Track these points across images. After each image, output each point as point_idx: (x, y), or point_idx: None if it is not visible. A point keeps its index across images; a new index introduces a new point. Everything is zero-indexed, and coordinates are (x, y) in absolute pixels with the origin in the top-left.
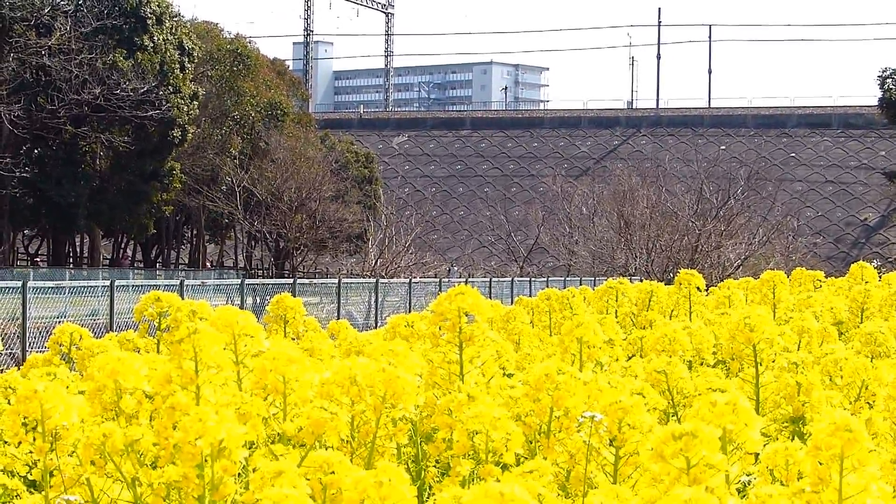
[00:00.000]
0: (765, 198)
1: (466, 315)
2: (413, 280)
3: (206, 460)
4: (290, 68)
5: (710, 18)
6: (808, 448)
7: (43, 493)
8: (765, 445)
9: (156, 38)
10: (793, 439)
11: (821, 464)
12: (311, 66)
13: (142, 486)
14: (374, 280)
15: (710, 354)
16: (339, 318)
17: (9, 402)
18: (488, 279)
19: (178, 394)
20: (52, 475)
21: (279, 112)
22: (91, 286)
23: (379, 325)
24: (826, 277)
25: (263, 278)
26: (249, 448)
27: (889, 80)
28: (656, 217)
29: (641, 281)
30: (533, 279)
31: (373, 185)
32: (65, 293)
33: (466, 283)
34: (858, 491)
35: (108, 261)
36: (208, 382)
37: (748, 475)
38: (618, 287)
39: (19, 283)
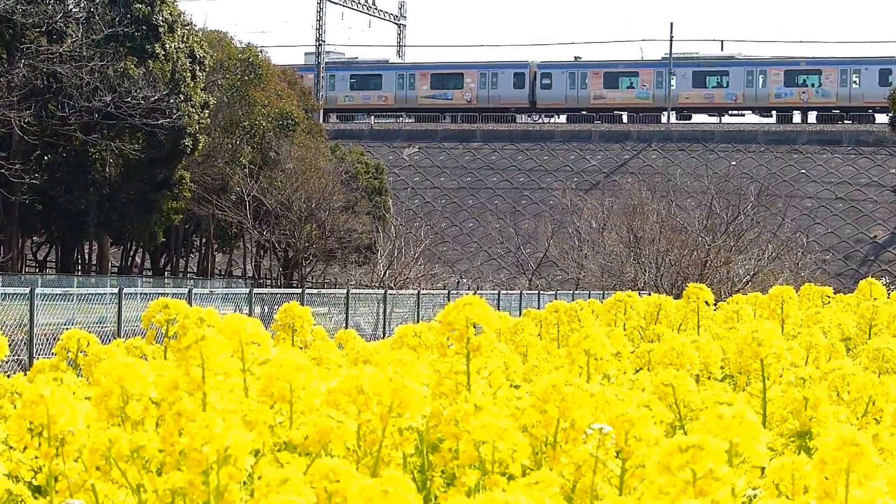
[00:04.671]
0: (775, 214)
1: (474, 326)
2: (421, 291)
3: (211, 467)
4: (302, 78)
5: (721, 34)
6: (814, 462)
7: (48, 498)
8: (771, 459)
9: (167, 46)
10: (799, 453)
11: (827, 478)
12: (322, 77)
13: (147, 493)
14: (383, 291)
15: (717, 368)
16: (347, 329)
17: (15, 407)
18: (497, 292)
19: (184, 400)
20: (57, 480)
21: (290, 122)
22: (99, 293)
23: (387, 336)
24: (835, 294)
25: (272, 288)
26: (255, 455)
27: None
28: (666, 232)
29: (650, 295)
30: (541, 292)
31: (382, 196)
32: (73, 300)
33: (475, 294)
34: None
35: (116, 268)
36: (215, 389)
37: (754, 489)
38: (626, 300)
39: (27, 290)
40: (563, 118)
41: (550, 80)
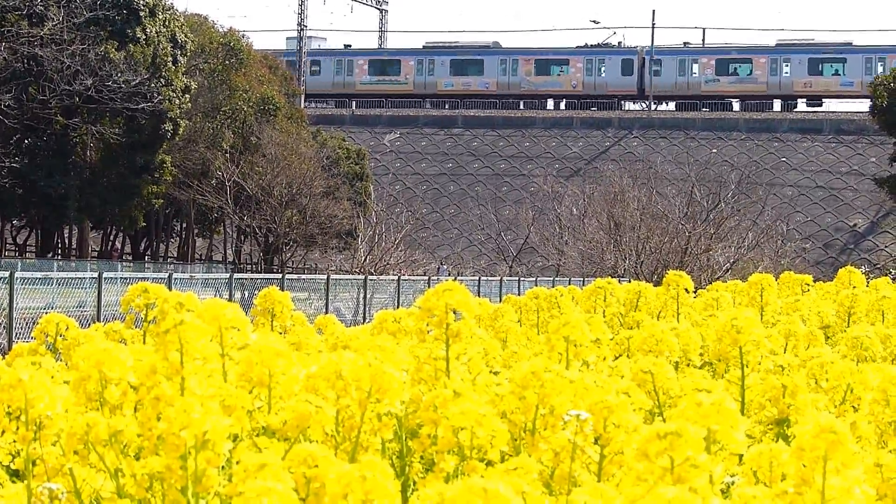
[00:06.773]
0: (755, 202)
1: (454, 312)
2: (402, 277)
3: (189, 452)
4: (283, 63)
5: (703, 21)
6: (792, 450)
7: (25, 482)
8: (749, 447)
9: (148, 30)
10: (777, 441)
11: (804, 466)
12: (304, 62)
13: (125, 477)
14: (363, 277)
15: (696, 356)
16: (326, 314)
17: None
18: (477, 278)
19: (162, 385)
20: (34, 464)
21: (271, 107)
22: (79, 277)
23: (367, 321)
24: (814, 282)
25: (252, 273)
26: (233, 440)
27: (880, 87)
28: (646, 219)
29: (630, 282)
30: (522, 279)
31: (363, 182)
32: (53, 284)
33: (455, 280)
34: (842, 493)
35: (96, 253)
36: (194, 374)
37: (732, 476)
38: (606, 287)
39: (6, 274)
40: (332, 103)
41: (319, 67)
